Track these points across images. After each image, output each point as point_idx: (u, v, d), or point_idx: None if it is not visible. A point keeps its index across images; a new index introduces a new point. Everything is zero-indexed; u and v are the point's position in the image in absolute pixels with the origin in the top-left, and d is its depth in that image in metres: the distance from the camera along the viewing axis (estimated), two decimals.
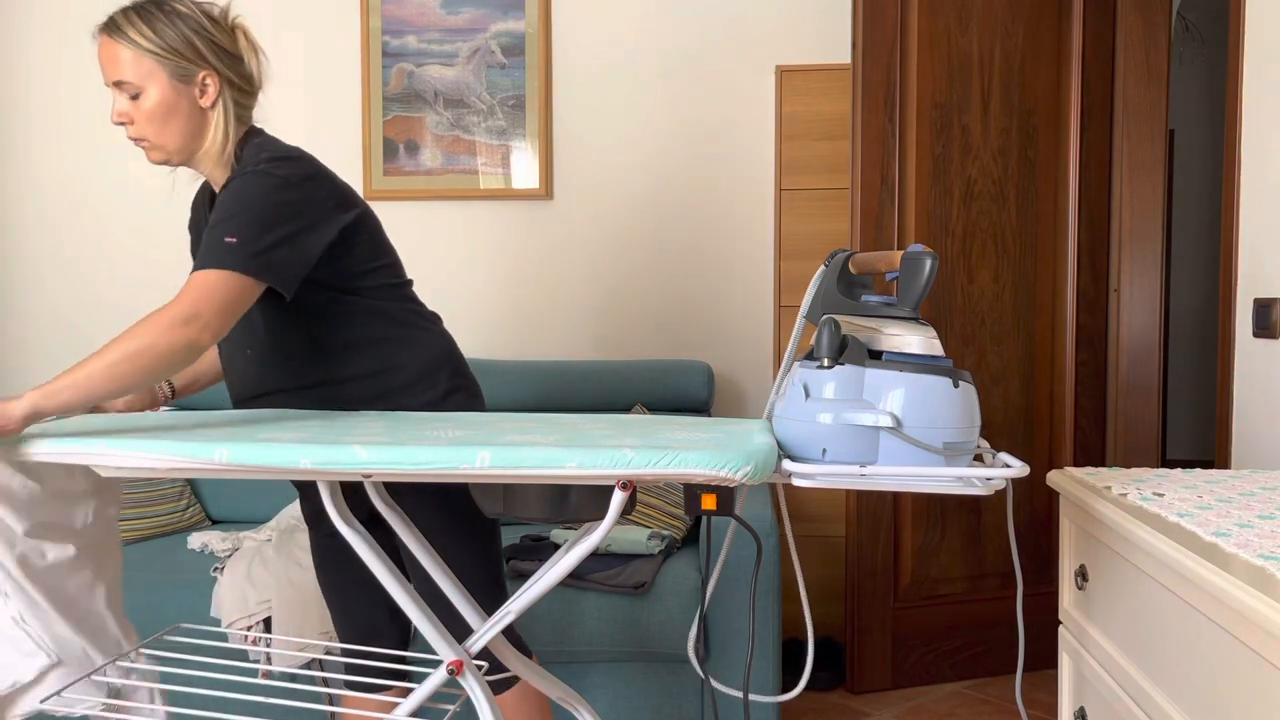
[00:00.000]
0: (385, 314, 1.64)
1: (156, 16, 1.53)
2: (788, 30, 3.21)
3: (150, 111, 1.53)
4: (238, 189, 1.49)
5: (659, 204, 3.26)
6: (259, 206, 1.47)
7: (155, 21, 1.52)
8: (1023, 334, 3.01)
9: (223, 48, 1.57)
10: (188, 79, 1.54)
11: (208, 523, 2.96)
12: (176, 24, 1.53)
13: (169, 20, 1.53)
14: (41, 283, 3.37)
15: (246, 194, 1.48)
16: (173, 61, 1.53)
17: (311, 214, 1.52)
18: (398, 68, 3.26)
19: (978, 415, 1.22)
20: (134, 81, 1.52)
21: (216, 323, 1.41)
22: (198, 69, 1.55)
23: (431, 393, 1.65)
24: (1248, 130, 2.14)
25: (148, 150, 1.57)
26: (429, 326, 1.69)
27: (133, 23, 1.52)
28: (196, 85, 1.55)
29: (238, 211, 1.46)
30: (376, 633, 1.79)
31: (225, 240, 1.44)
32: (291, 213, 1.49)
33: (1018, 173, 2.97)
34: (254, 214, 1.46)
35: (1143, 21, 3.01)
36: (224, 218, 1.46)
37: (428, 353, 1.67)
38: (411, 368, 1.64)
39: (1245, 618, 1.01)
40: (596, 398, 2.97)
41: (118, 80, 1.53)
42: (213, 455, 1.19)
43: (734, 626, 2.33)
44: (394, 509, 1.48)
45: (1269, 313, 2.04)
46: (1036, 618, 3.08)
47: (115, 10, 1.55)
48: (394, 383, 1.63)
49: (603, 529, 1.21)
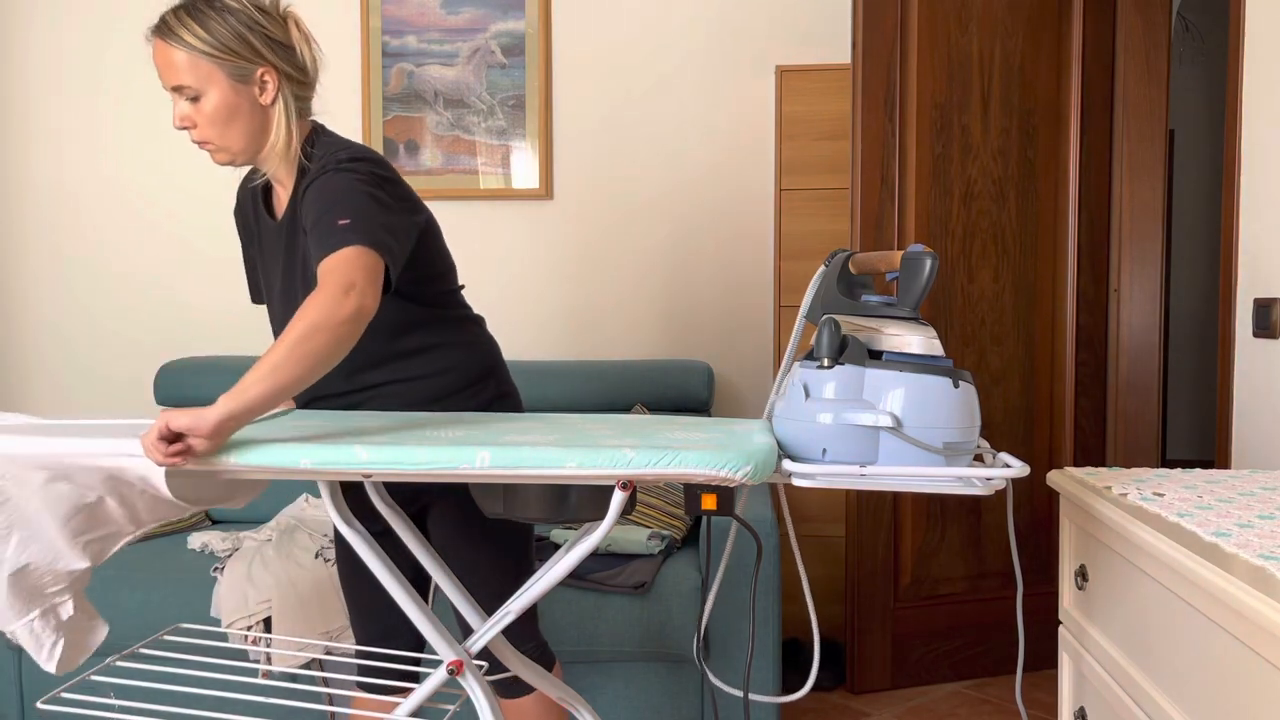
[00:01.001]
0: (443, 318, 1.64)
1: (208, 15, 1.47)
2: (788, 30, 3.21)
3: (212, 114, 1.49)
4: (325, 187, 1.46)
5: (659, 204, 3.26)
6: (354, 197, 1.44)
7: (208, 20, 1.47)
8: (1023, 334, 3.01)
9: (277, 41, 1.52)
10: (246, 78, 1.50)
11: (208, 523, 2.96)
12: (229, 21, 1.48)
13: (221, 18, 1.48)
14: (39, 291, 3.37)
15: (337, 188, 1.45)
16: (230, 61, 1.48)
17: (411, 201, 1.53)
18: (398, 68, 3.26)
19: (978, 415, 1.22)
20: (193, 85, 1.48)
21: (371, 290, 1.35)
22: (255, 66, 1.50)
23: (479, 399, 1.65)
24: (1248, 130, 2.14)
25: (213, 153, 1.54)
26: (479, 332, 1.69)
27: (185, 24, 1.47)
28: (255, 83, 1.51)
29: (337, 201, 1.43)
30: (395, 633, 1.78)
31: (339, 223, 1.40)
32: (384, 205, 1.47)
33: (1018, 173, 2.97)
34: (353, 202, 1.43)
35: (1143, 21, 3.01)
36: (326, 208, 1.42)
37: (479, 358, 1.67)
38: (464, 372, 1.64)
39: (1245, 618, 1.01)
40: (596, 398, 2.97)
41: (176, 85, 1.48)
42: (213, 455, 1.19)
43: (734, 626, 2.33)
44: (394, 509, 1.48)
45: (1269, 313, 2.04)
46: (1036, 618, 3.08)
47: (166, 11, 1.49)
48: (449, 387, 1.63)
49: (603, 529, 1.21)
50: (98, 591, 2.40)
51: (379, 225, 1.42)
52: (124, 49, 3.33)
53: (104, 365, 3.38)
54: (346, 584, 1.78)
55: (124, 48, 3.33)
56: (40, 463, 1.20)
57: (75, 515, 1.24)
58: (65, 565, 1.27)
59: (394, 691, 1.79)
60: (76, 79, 3.34)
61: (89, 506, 1.25)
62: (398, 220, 1.48)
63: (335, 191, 1.44)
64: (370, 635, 1.77)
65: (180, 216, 3.35)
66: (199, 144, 1.52)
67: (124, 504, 1.27)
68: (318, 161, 1.52)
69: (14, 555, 1.24)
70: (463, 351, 1.65)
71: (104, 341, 3.37)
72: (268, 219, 1.64)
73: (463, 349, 1.65)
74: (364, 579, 1.75)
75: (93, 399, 3.39)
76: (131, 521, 1.30)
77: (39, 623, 1.27)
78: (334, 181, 1.46)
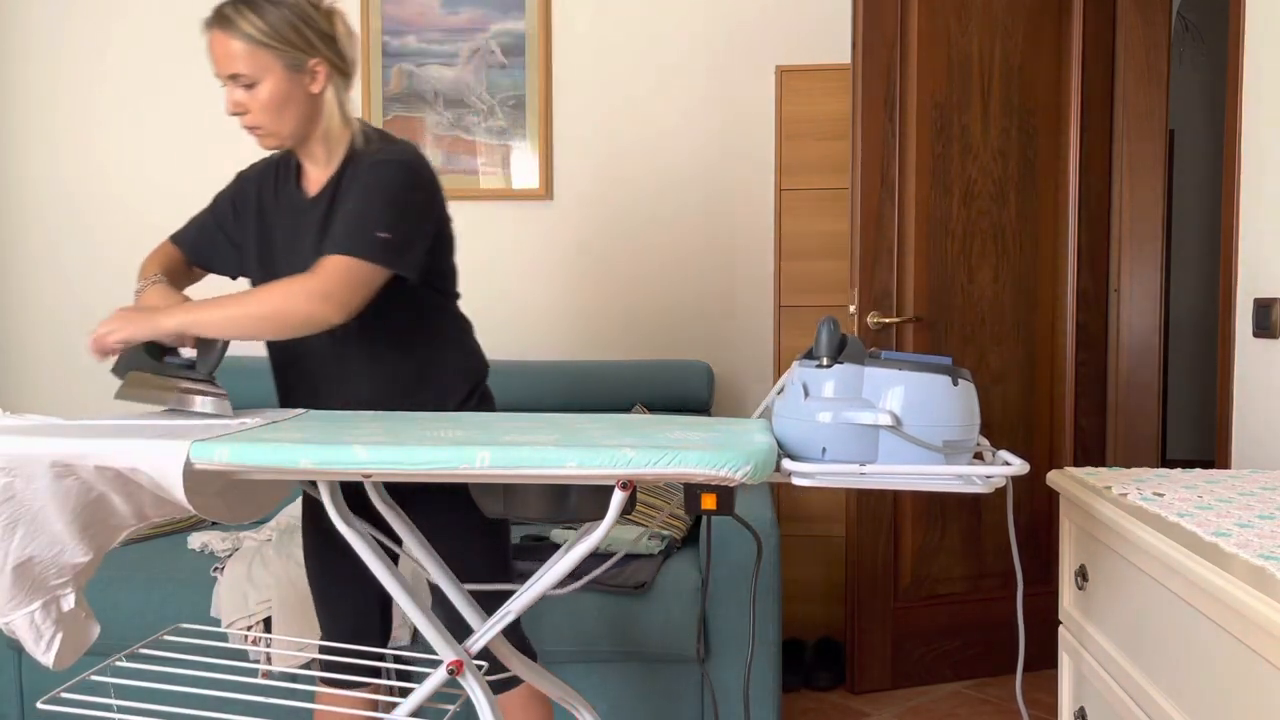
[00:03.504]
0: (452, 314, 1.73)
1: (265, 7, 1.54)
2: (788, 30, 3.21)
3: (266, 101, 1.56)
4: (380, 179, 1.56)
5: (659, 204, 3.26)
6: (402, 199, 1.56)
7: (266, 13, 1.54)
8: (1023, 334, 3.01)
9: (326, 34, 1.60)
10: (300, 68, 1.58)
11: (208, 523, 2.96)
12: (284, 13, 1.55)
13: (278, 10, 1.55)
14: (39, 291, 3.38)
15: (389, 184, 1.56)
16: (287, 52, 1.56)
17: (436, 210, 1.63)
18: (398, 68, 3.26)
19: (977, 413, 1.23)
20: (249, 74, 1.55)
21: (352, 305, 1.50)
22: (308, 57, 1.58)
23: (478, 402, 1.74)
24: (1248, 130, 2.14)
25: (261, 137, 1.61)
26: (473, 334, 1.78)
27: (245, 15, 1.53)
28: (308, 73, 1.59)
29: (385, 204, 1.54)
30: (365, 632, 1.80)
31: (378, 235, 1.51)
32: (425, 207, 1.60)
33: (1018, 173, 2.97)
34: (399, 207, 1.55)
35: (1143, 21, 3.01)
36: (375, 208, 1.53)
37: (478, 359, 1.76)
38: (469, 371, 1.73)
39: (1245, 618, 1.01)
40: (596, 398, 2.97)
41: (233, 73, 1.55)
42: (213, 455, 1.19)
43: (734, 626, 2.33)
44: (394, 509, 1.48)
45: (1269, 313, 2.04)
46: (1036, 618, 3.08)
47: (223, 3, 1.56)
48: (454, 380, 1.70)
49: (603, 529, 1.21)
50: (98, 591, 2.40)
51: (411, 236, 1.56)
52: (124, 48, 3.33)
53: (103, 365, 3.38)
54: (316, 582, 1.80)
55: (124, 46, 3.33)
56: (48, 461, 1.20)
57: (81, 510, 1.25)
58: (69, 558, 1.27)
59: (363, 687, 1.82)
60: (77, 78, 3.34)
61: (95, 501, 1.25)
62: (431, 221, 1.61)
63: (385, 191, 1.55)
64: (341, 633, 1.79)
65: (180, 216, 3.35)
66: (250, 128, 1.60)
67: (130, 500, 1.28)
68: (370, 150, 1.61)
69: (18, 548, 1.24)
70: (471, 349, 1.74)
71: None
72: (297, 195, 1.68)
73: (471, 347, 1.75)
74: (333, 578, 1.78)
75: (93, 399, 3.39)
76: (136, 516, 1.31)
77: (40, 614, 1.28)
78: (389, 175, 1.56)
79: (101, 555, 1.31)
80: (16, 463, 1.21)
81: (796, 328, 3.17)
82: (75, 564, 1.28)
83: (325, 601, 1.79)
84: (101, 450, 1.20)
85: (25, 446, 1.21)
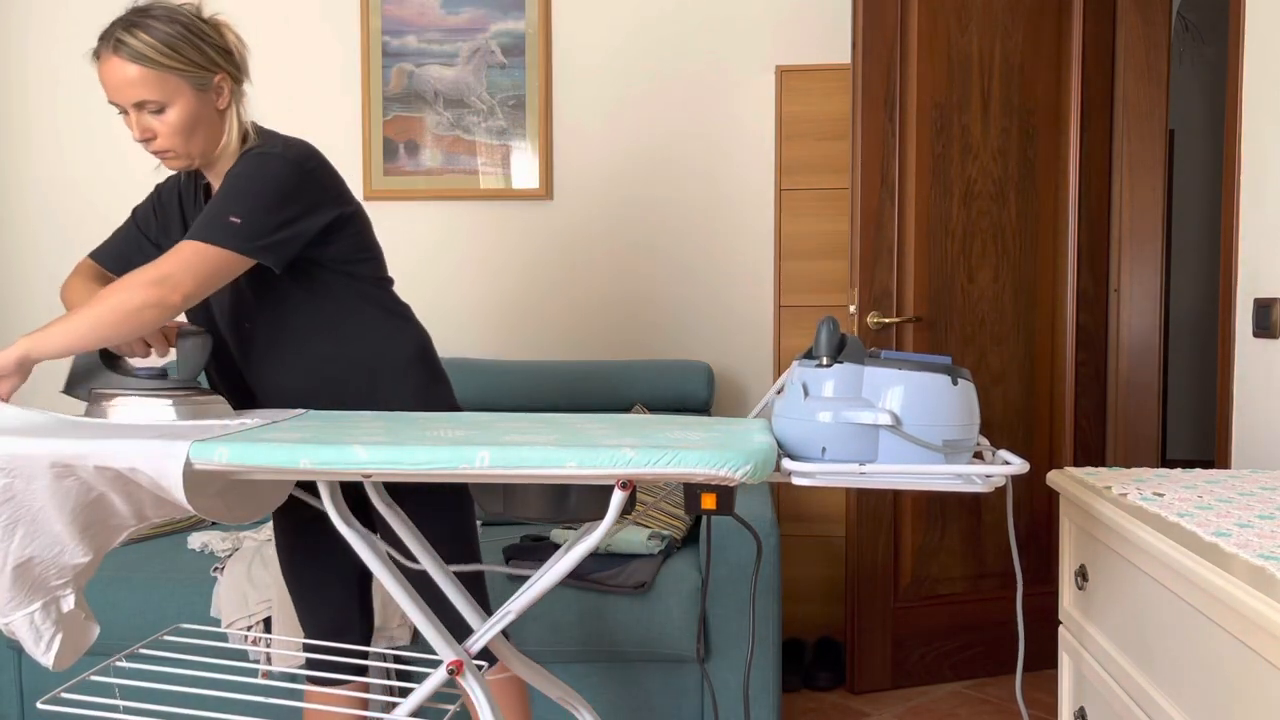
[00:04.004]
0: (375, 300, 1.70)
1: (161, 29, 1.50)
2: (788, 30, 3.21)
3: (178, 124, 1.54)
4: (248, 168, 1.54)
5: (659, 204, 3.26)
6: (268, 186, 1.53)
7: (164, 34, 1.50)
8: (1023, 334, 3.01)
9: (222, 48, 1.58)
10: (206, 86, 1.56)
11: (208, 523, 2.96)
12: (180, 31, 1.52)
13: (175, 30, 1.51)
14: (39, 288, 3.38)
15: (257, 174, 1.53)
16: (194, 73, 1.53)
17: (312, 197, 1.58)
18: (398, 68, 3.26)
19: (977, 412, 1.23)
20: (158, 99, 1.51)
21: (189, 288, 1.47)
22: (212, 74, 1.56)
23: (417, 380, 1.71)
24: (1248, 130, 2.14)
25: (171, 160, 1.58)
26: (410, 318, 1.76)
27: (142, 40, 1.49)
28: (213, 90, 1.57)
29: (245, 191, 1.52)
30: (346, 627, 1.80)
31: (230, 220, 1.49)
32: (296, 195, 1.55)
33: (1018, 173, 2.97)
34: (262, 195, 1.52)
35: (1143, 21, 3.01)
36: (232, 196, 1.51)
37: (413, 342, 1.73)
38: (402, 353, 1.70)
39: (1245, 618, 1.01)
40: (596, 398, 2.97)
41: (139, 100, 1.51)
42: (213, 455, 1.19)
43: (734, 626, 2.33)
44: (394, 509, 1.48)
45: (1269, 313, 2.04)
46: (1036, 618, 3.08)
47: (115, 28, 1.50)
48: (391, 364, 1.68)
49: (602, 529, 1.21)
50: (98, 591, 2.40)
51: (272, 224, 1.53)
52: None
53: None
54: (293, 580, 1.80)
55: None
56: (48, 461, 1.20)
57: (81, 510, 1.25)
58: (69, 559, 1.27)
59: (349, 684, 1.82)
60: (78, 76, 3.34)
61: (94, 502, 1.25)
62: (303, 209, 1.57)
63: (251, 179, 1.53)
64: (323, 630, 1.80)
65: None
66: (158, 153, 1.57)
67: (130, 501, 1.28)
68: (250, 145, 1.60)
69: (18, 549, 1.24)
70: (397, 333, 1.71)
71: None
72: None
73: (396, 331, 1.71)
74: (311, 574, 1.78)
75: None
76: (136, 516, 1.31)
77: (39, 614, 1.28)
78: (259, 165, 1.54)
79: (101, 556, 1.31)
80: (16, 463, 1.21)
81: (796, 328, 3.17)
82: (75, 564, 1.28)
83: (303, 600, 1.80)
84: (101, 450, 1.20)
85: (25, 447, 1.21)
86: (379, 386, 1.67)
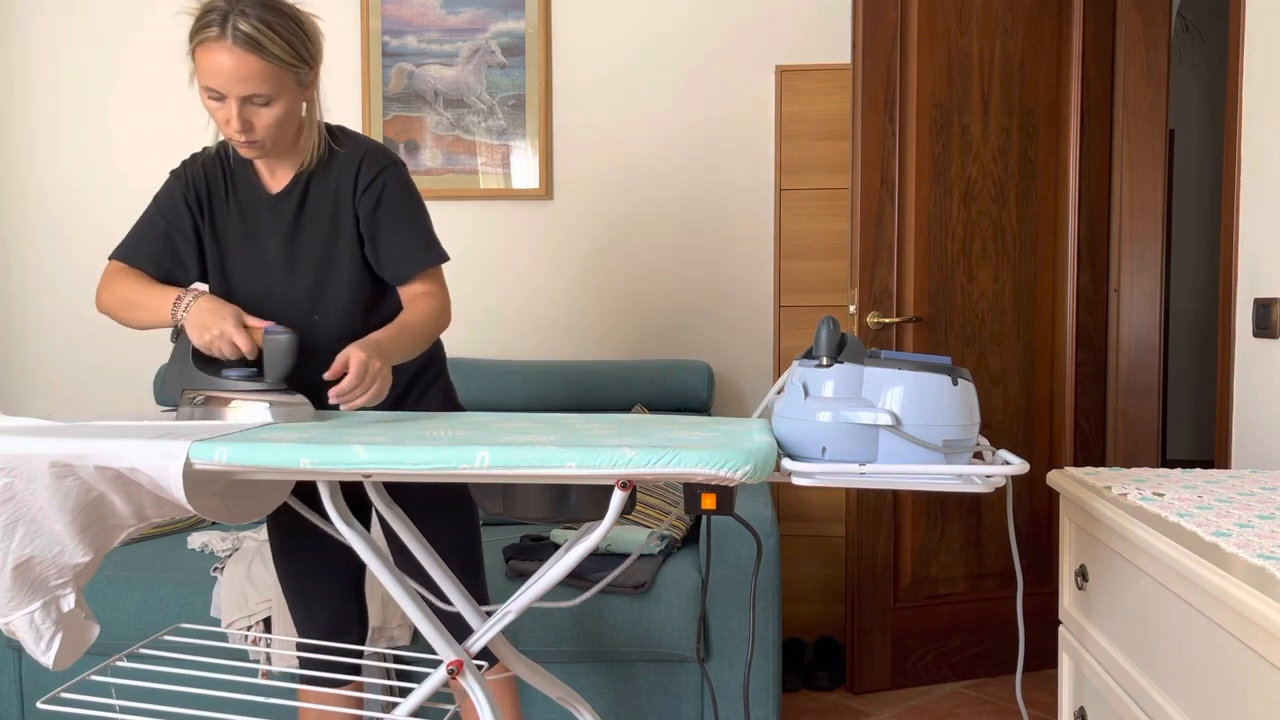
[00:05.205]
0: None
1: (281, 25, 1.49)
2: (788, 30, 3.21)
3: (281, 118, 1.54)
4: (403, 186, 1.66)
5: (659, 204, 3.26)
6: (419, 196, 1.70)
7: (284, 31, 1.49)
8: (1023, 334, 3.01)
9: (318, 43, 1.58)
10: (305, 83, 1.57)
11: (208, 523, 2.96)
12: (291, 26, 1.51)
13: (288, 26, 1.50)
14: (38, 290, 3.37)
15: (411, 190, 1.68)
16: (301, 70, 1.54)
17: None
18: (398, 68, 3.26)
19: (977, 412, 1.23)
20: (268, 93, 1.50)
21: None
22: (311, 70, 1.57)
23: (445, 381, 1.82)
24: (1248, 130, 2.14)
25: (251, 148, 1.55)
26: None
27: (267, 35, 1.47)
28: (309, 85, 1.59)
29: (419, 206, 1.68)
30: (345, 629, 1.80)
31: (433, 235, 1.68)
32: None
33: (1018, 172, 2.97)
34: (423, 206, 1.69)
35: (1143, 21, 3.01)
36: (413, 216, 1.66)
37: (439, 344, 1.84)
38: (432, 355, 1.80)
39: (1245, 618, 1.01)
40: (596, 398, 2.97)
41: (249, 94, 1.49)
42: (213, 455, 1.19)
43: (734, 626, 2.33)
44: (394, 509, 1.48)
45: (1269, 313, 2.04)
46: (1036, 618, 3.08)
47: (239, 19, 1.46)
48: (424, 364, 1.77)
49: (603, 529, 1.21)
50: (98, 591, 2.40)
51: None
52: (130, 45, 3.33)
53: (104, 365, 3.38)
54: (289, 581, 1.80)
55: (130, 44, 3.33)
56: (48, 461, 1.20)
57: (81, 510, 1.25)
58: (69, 558, 1.27)
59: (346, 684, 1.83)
60: (82, 77, 3.34)
61: (94, 502, 1.26)
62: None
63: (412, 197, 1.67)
64: (322, 633, 1.80)
65: None
66: (248, 142, 1.53)
67: (130, 501, 1.28)
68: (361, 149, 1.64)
69: (18, 549, 1.24)
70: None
71: (104, 341, 3.37)
72: (259, 190, 1.65)
73: None
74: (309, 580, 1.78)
75: (93, 399, 3.39)
76: (136, 516, 1.31)
77: (40, 614, 1.28)
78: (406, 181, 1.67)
79: (101, 556, 1.31)
80: (16, 463, 1.21)
81: (796, 327, 3.17)
82: (75, 564, 1.28)
83: (301, 605, 1.80)
84: (101, 450, 1.20)
85: (25, 446, 1.21)
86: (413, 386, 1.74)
